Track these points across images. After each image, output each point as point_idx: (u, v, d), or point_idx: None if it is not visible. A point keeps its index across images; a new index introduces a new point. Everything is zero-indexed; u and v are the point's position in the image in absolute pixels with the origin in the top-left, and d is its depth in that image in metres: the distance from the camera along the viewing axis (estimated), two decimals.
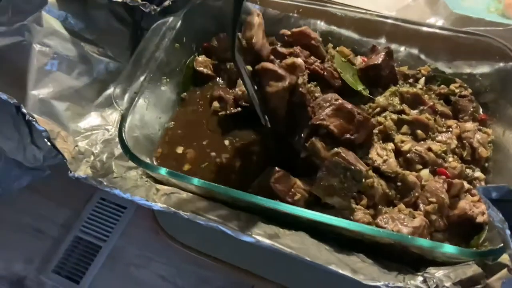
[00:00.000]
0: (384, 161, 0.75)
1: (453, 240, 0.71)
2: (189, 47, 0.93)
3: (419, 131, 0.80)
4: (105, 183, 0.74)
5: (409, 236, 0.64)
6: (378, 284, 0.62)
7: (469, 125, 0.81)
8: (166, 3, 0.92)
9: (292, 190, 0.73)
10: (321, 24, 0.90)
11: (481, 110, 0.86)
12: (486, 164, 0.79)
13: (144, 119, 0.82)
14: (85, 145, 0.84)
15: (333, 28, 0.90)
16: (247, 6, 0.91)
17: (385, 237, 0.64)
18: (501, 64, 0.83)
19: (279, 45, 0.84)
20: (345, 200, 0.71)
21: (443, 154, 0.78)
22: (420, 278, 0.65)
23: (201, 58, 0.93)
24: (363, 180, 0.71)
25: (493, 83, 0.85)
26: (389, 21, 0.87)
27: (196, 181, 0.70)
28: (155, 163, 0.83)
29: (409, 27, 0.86)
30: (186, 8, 0.90)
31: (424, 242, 0.63)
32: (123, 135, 0.73)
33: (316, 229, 0.69)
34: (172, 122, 0.89)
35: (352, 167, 0.71)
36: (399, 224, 0.68)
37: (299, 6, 0.89)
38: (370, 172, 0.73)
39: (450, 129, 0.81)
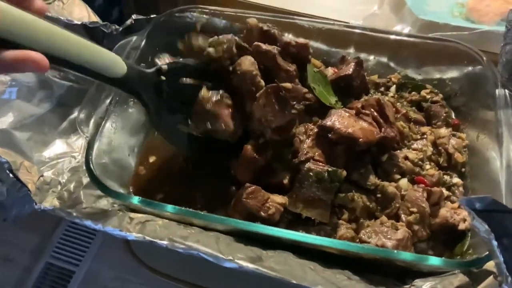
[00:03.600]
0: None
1: (436, 249, 0.71)
2: (155, 65, 0.89)
3: None
4: (74, 214, 0.70)
5: (394, 251, 0.63)
6: None
7: (443, 131, 0.81)
8: (128, 22, 0.90)
9: (266, 204, 0.71)
10: (289, 37, 0.88)
11: (453, 114, 0.86)
12: (463, 169, 0.79)
13: (112, 144, 0.78)
14: (51, 174, 0.80)
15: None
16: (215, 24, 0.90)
17: (370, 253, 0.63)
18: (470, 68, 0.84)
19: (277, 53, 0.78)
20: (325, 211, 0.70)
21: (419, 162, 0.77)
22: None
23: None
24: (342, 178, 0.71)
25: (462, 87, 0.86)
26: (357, 31, 0.86)
27: (170, 208, 0.67)
28: (131, 188, 0.80)
29: (377, 36, 0.86)
30: (150, 26, 0.87)
31: (410, 256, 0.62)
32: (91, 165, 0.70)
33: (299, 247, 0.67)
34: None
35: (326, 168, 0.70)
36: (382, 238, 0.67)
37: (265, 20, 0.87)
38: (350, 186, 0.73)
39: (425, 136, 0.81)
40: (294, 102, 0.76)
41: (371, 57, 0.90)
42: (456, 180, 0.77)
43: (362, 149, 0.73)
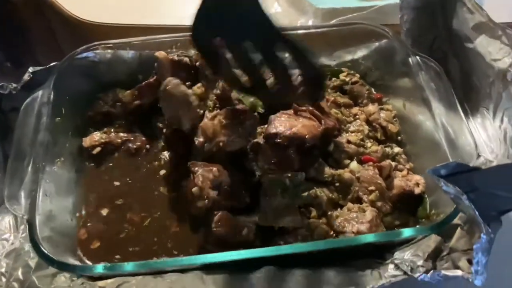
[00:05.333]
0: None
1: (402, 218, 0.75)
2: (71, 115, 0.82)
3: None
4: None
5: (373, 235, 0.65)
6: None
7: (372, 107, 0.86)
8: (26, 77, 0.81)
9: (237, 227, 0.70)
10: None
11: (373, 90, 0.91)
12: (399, 138, 0.84)
13: (52, 214, 0.71)
14: None
15: None
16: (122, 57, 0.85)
17: (353, 244, 0.64)
18: (377, 44, 0.89)
19: None
20: (296, 216, 0.71)
21: (361, 142, 0.81)
22: (392, 266, 0.66)
23: (89, 137, 0.84)
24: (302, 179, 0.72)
25: (375, 62, 0.91)
26: None
27: (139, 266, 0.63)
28: (79, 251, 0.73)
29: (286, 34, 0.87)
30: (53, 76, 0.79)
31: (388, 236, 0.66)
32: (40, 246, 0.62)
33: (279, 257, 0.67)
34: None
35: (287, 175, 0.70)
36: (356, 224, 0.69)
37: (176, 41, 0.84)
38: (309, 183, 0.74)
39: (357, 117, 0.85)
40: None
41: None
42: (397, 149, 0.82)
43: (310, 145, 0.75)
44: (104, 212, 0.79)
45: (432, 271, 0.62)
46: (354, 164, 0.78)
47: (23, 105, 0.76)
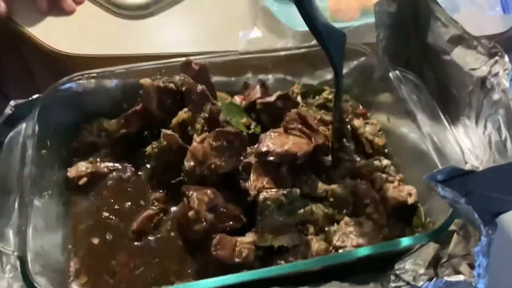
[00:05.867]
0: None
1: (398, 229, 0.75)
2: (57, 147, 0.80)
3: None
4: None
5: (374, 246, 0.65)
6: None
7: (357, 122, 0.87)
8: (8, 111, 0.79)
9: (237, 249, 0.69)
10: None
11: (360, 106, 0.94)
12: (386, 150, 0.86)
13: (42, 250, 0.68)
14: None
15: None
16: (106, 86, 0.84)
17: (355, 257, 0.64)
18: (355, 62, 0.91)
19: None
20: (294, 234, 0.70)
21: (350, 157, 0.82)
22: (393, 277, 0.67)
23: (75, 168, 0.82)
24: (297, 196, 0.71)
25: (355, 79, 0.93)
26: (250, 56, 0.89)
27: None
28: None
29: (269, 56, 0.90)
30: (37, 108, 0.78)
31: (389, 246, 0.66)
32: (35, 284, 0.59)
33: (281, 278, 0.66)
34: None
35: (281, 192, 0.70)
36: (355, 238, 0.70)
37: (159, 68, 0.85)
38: (304, 200, 0.74)
39: None
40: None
41: (270, 76, 0.92)
42: (385, 162, 0.83)
43: (302, 162, 0.75)
44: (94, 244, 0.76)
45: (435, 278, 0.63)
46: (346, 179, 0.79)
47: (7, 140, 0.74)
